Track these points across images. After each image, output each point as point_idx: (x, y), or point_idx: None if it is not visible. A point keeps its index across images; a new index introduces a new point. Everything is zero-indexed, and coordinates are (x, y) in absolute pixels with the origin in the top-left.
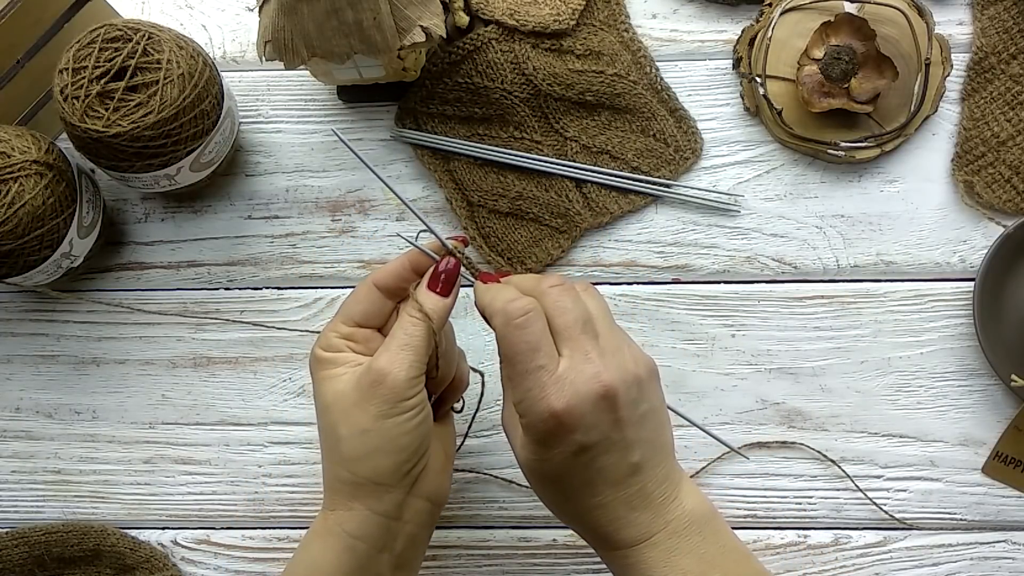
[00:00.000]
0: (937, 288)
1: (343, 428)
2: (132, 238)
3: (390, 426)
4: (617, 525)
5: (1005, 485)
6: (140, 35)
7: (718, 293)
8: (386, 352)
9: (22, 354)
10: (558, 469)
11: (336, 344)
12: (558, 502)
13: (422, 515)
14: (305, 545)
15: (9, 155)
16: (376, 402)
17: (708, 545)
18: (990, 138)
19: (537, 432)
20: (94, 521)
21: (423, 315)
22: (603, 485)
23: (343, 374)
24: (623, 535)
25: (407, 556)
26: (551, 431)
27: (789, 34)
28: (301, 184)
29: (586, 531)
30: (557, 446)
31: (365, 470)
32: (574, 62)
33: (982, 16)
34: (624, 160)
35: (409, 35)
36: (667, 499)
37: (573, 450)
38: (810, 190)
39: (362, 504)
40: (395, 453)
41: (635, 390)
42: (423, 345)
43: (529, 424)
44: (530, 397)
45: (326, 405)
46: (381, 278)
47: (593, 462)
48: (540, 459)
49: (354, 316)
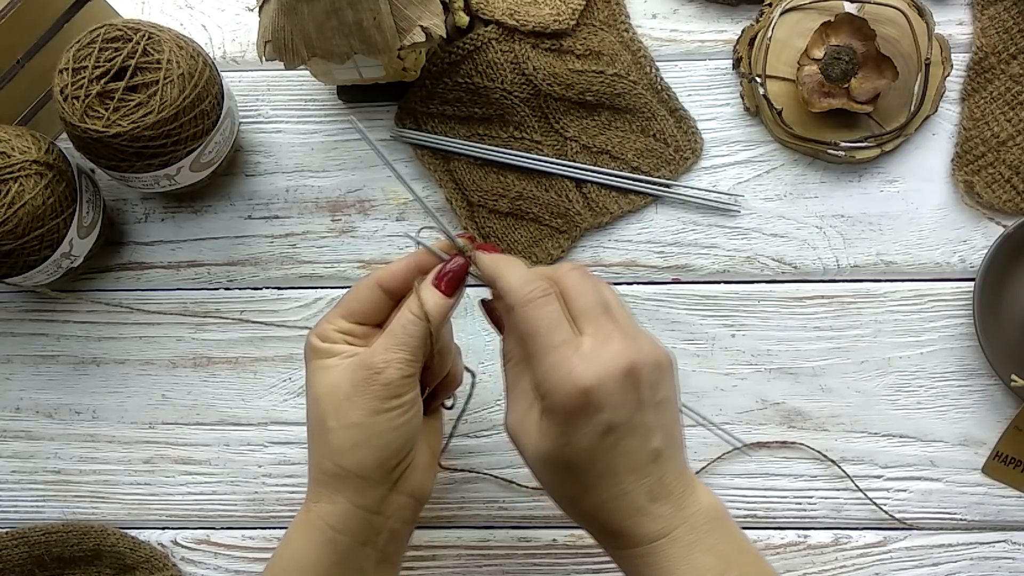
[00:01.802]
0: (937, 288)
1: (332, 420)
2: (132, 238)
3: (379, 422)
4: (638, 518)
5: (1005, 485)
6: (140, 35)
7: (718, 293)
8: (383, 348)
9: (22, 354)
10: (581, 455)
11: (331, 335)
12: (575, 495)
13: (405, 511)
14: (288, 538)
15: (9, 155)
16: (368, 397)
17: (725, 543)
18: (990, 138)
19: (563, 411)
20: (94, 521)
21: (424, 314)
22: (625, 472)
23: (336, 365)
24: (643, 529)
25: (389, 551)
26: (578, 409)
27: (789, 34)
28: (301, 184)
29: (603, 527)
30: (583, 426)
31: (351, 463)
32: (574, 62)
33: (982, 16)
34: (624, 160)
35: (409, 35)
36: (685, 492)
37: (599, 431)
38: (810, 190)
39: (345, 498)
40: (381, 449)
41: (656, 373)
42: (420, 344)
43: (554, 404)
44: (556, 373)
45: (317, 396)
46: (385, 278)
47: (616, 445)
48: (563, 444)
49: (354, 313)
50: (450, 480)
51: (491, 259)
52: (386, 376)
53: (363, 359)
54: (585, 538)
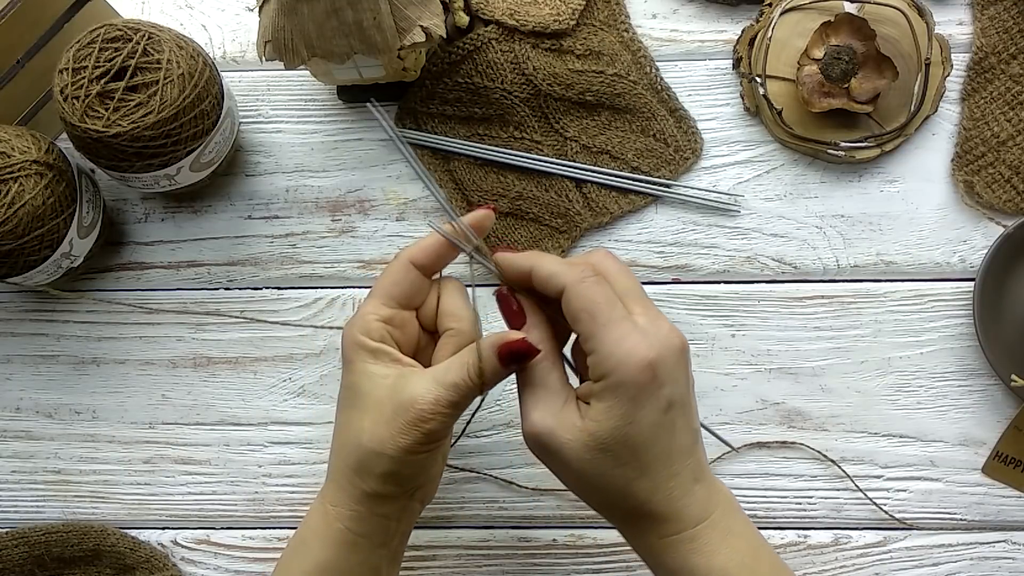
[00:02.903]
0: (937, 288)
1: (366, 437)
2: (132, 238)
3: (413, 460)
4: (687, 500)
5: (1005, 485)
6: (140, 35)
7: (718, 293)
8: (433, 395)
9: (22, 354)
10: (645, 432)
11: (376, 329)
12: (630, 479)
13: (414, 515)
14: (303, 538)
15: (9, 155)
16: (407, 439)
17: (748, 528)
18: (990, 138)
19: (633, 385)
20: (94, 521)
21: (479, 373)
22: (677, 452)
23: (383, 378)
24: (691, 511)
25: (399, 550)
26: (646, 383)
27: (789, 34)
28: (301, 184)
29: (652, 512)
30: (648, 402)
31: (375, 486)
32: (574, 62)
33: (982, 16)
34: (624, 160)
35: (409, 35)
36: (713, 476)
37: (662, 406)
38: (810, 190)
39: (367, 508)
40: (409, 479)
41: (688, 356)
42: (467, 401)
43: (622, 379)
44: (622, 348)
45: (355, 404)
46: (417, 255)
47: (674, 424)
48: (628, 422)
49: (394, 297)
50: (450, 480)
51: (523, 254)
52: (430, 426)
53: (412, 396)
54: (585, 538)
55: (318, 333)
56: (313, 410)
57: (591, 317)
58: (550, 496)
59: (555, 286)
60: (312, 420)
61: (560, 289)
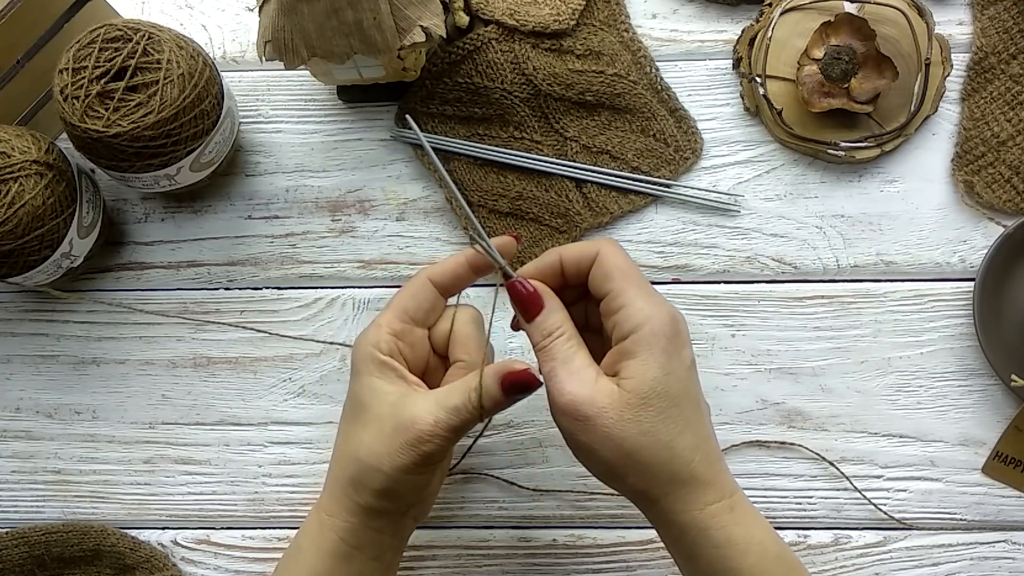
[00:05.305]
0: (937, 288)
1: (364, 453)
2: (132, 238)
3: (409, 480)
4: (721, 465)
5: (1005, 485)
6: (140, 35)
7: (718, 293)
8: (432, 417)
9: (22, 354)
10: (681, 383)
11: (387, 342)
12: (676, 435)
13: (408, 531)
14: (299, 547)
15: (9, 155)
16: (404, 459)
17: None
18: (990, 138)
19: (662, 337)
20: (94, 521)
21: (479, 402)
22: (706, 412)
23: (388, 394)
24: (726, 478)
25: (393, 564)
26: (674, 335)
27: (789, 34)
28: (301, 184)
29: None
30: (677, 354)
31: (371, 501)
32: (574, 62)
33: (982, 16)
34: (624, 160)
35: (409, 35)
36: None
37: (688, 363)
38: (810, 190)
39: (361, 521)
40: (404, 496)
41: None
42: (467, 426)
43: (652, 330)
44: (649, 304)
45: (358, 417)
46: (437, 275)
47: (697, 384)
48: (668, 372)
49: (409, 311)
50: (450, 480)
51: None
52: (428, 448)
53: (413, 416)
54: (585, 538)
55: (318, 333)
56: (313, 410)
57: (624, 275)
58: (550, 496)
59: (590, 252)
60: (312, 420)
61: (595, 253)
